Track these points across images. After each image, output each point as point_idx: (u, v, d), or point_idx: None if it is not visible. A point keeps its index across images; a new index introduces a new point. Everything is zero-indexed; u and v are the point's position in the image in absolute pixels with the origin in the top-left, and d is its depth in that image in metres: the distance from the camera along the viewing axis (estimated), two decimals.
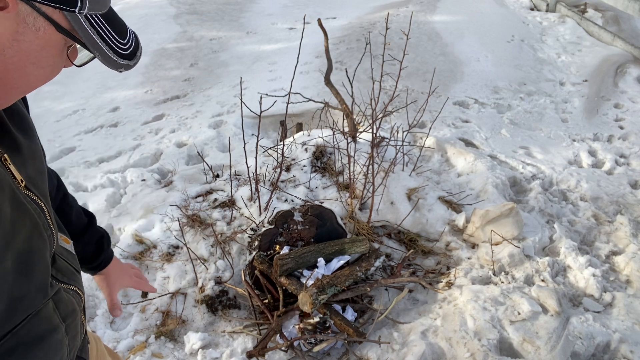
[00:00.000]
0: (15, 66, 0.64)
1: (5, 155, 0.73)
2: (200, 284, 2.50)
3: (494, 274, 2.61)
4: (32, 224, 0.74)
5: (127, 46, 0.72)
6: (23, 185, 0.75)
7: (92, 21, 0.66)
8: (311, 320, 2.23)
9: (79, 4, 0.62)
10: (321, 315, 2.27)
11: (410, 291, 2.57)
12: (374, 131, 2.92)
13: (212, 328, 2.40)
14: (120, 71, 0.72)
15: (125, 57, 0.71)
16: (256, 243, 2.47)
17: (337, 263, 2.44)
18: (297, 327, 2.27)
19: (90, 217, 1.24)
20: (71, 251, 0.94)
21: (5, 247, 0.67)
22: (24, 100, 0.92)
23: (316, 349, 2.19)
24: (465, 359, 2.13)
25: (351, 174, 2.93)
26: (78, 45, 0.72)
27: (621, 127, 4.33)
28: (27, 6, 0.59)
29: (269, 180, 3.01)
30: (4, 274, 0.67)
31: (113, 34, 0.69)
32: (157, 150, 4.04)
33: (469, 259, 2.74)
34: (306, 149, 3.23)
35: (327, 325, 2.27)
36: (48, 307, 0.79)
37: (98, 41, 0.67)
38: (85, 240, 1.21)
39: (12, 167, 0.73)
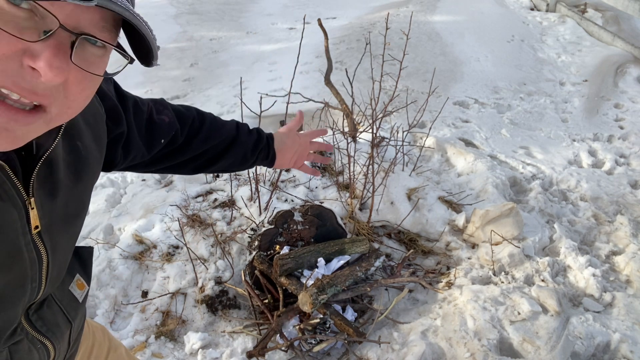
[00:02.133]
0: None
1: (33, 200, 0.69)
2: (200, 284, 2.50)
3: (494, 274, 2.61)
4: (19, 273, 0.70)
5: None
6: (36, 231, 0.71)
7: None
8: (312, 322, 2.23)
9: None
10: (321, 316, 2.27)
11: (410, 291, 2.56)
12: (374, 131, 2.92)
13: (212, 328, 2.40)
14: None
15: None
16: (256, 243, 2.47)
17: (337, 263, 2.44)
18: (296, 327, 2.27)
19: (236, 124, 1.25)
20: (77, 299, 0.87)
21: None
22: (114, 120, 0.90)
23: (316, 349, 2.19)
24: (465, 359, 2.13)
25: (351, 174, 2.92)
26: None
27: (621, 127, 4.33)
28: None
29: (269, 180, 3.01)
30: None
31: None
32: None
33: (469, 259, 2.74)
34: None
35: (327, 325, 2.27)
36: (1, 354, 0.73)
37: None
38: (245, 137, 1.23)
39: (33, 213, 0.69)
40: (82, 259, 0.91)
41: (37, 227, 0.70)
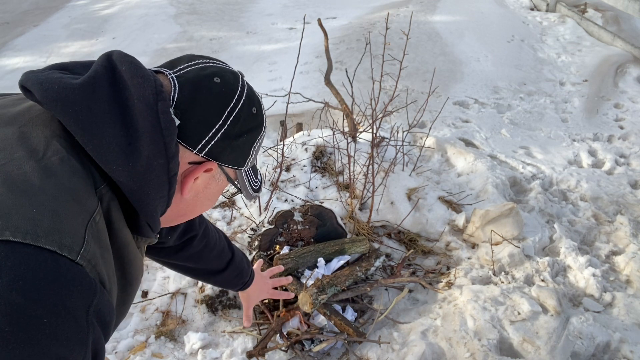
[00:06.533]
0: (200, 204, 0.90)
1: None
2: (200, 284, 2.50)
3: (494, 274, 2.61)
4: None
5: (258, 182, 0.97)
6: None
7: (247, 172, 0.92)
8: (313, 331, 2.24)
9: (245, 166, 0.89)
10: (322, 317, 2.27)
11: (410, 291, 2.56)
12: (374, 131, 2.92)
13: (212, 328, 2.40)
14: (251, 201, 0.91)
15: (257, 191, 0.96)
16: (256, 243, 2.47)
17: (337, 263, 2.44)
18: (294, 334, 2.27)
19: (233, 251, 1.40)
20: None
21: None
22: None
23: (316, 349, 2.19)
24: (465, 359, 2.13)
25: (351, 174, 2.93)
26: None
27: (621, 127, 4.33)
28: (218, 167, 0.85)
29: (269, 180, 3.01)
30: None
31: (254, 176, 0.94)
32: None
33: (469, 259, 2.74)
34: (306, 149, 3.23)
35: (322, 331, 2.28)
36: None
37: (247, 185, 0.92)
38: (228, 274, 1.39)
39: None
40: None
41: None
